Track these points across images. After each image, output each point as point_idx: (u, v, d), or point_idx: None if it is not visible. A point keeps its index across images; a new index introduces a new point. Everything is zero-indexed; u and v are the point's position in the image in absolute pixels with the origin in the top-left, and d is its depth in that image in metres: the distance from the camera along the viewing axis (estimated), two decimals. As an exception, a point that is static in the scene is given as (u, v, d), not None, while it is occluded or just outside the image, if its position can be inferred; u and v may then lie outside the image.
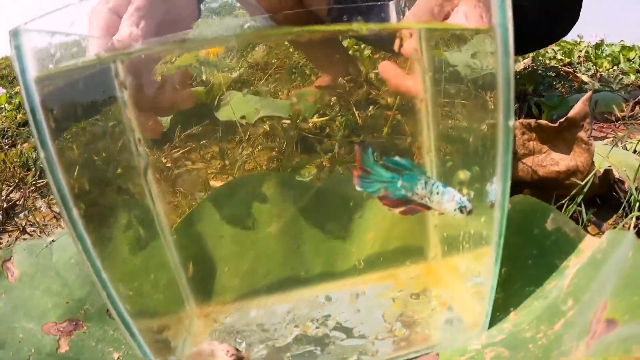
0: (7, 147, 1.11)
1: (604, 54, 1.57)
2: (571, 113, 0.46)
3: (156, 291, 0.38)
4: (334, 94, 0.51)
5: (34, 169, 0.86)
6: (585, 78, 1.29)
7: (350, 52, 0.60)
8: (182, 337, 0.37)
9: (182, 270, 0.40)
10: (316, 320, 0.37)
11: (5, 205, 0.69)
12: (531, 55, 1.38)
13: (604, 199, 0.52)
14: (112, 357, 0.35)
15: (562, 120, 0.47)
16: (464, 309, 0.35)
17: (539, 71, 1.23)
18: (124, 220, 0.37)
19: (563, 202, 0.48)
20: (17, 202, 0.71)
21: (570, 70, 1.36)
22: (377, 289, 0.40)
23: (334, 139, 0.48)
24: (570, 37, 1.79)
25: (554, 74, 1.27)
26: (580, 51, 1.60)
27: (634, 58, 1.53)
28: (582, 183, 0.47)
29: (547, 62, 1.51)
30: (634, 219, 0.47)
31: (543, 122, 0.47)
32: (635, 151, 0.69)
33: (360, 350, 0.33)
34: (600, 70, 1.44)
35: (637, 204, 0.48)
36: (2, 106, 1.48)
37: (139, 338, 0.29)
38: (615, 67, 1.47)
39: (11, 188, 0.76)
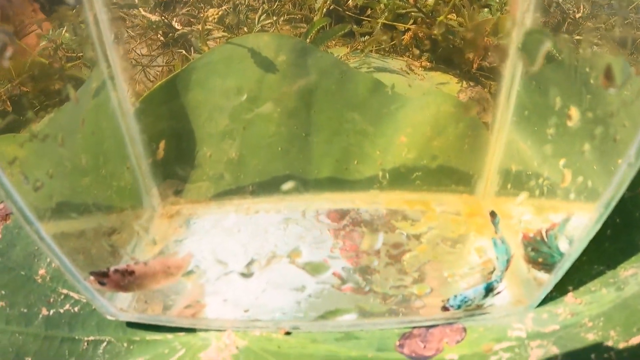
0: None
1: None
2: None
3: (105, 181, 0.29)
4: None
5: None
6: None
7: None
8: (133, 241, 0.29)
9: (145, 151, 0.29)
10: (311, 244, 0.28)
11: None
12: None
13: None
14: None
15: None
16: (510, 277, 0.26)
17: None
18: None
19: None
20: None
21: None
22: (401, 216, 0.30)
23: (374, 22, 0.38)
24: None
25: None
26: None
27: None
28: None
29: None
30: None
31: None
32: None
33: (361, 305, 0.25)
34: None
35: None
36: None
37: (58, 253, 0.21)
38: None
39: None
